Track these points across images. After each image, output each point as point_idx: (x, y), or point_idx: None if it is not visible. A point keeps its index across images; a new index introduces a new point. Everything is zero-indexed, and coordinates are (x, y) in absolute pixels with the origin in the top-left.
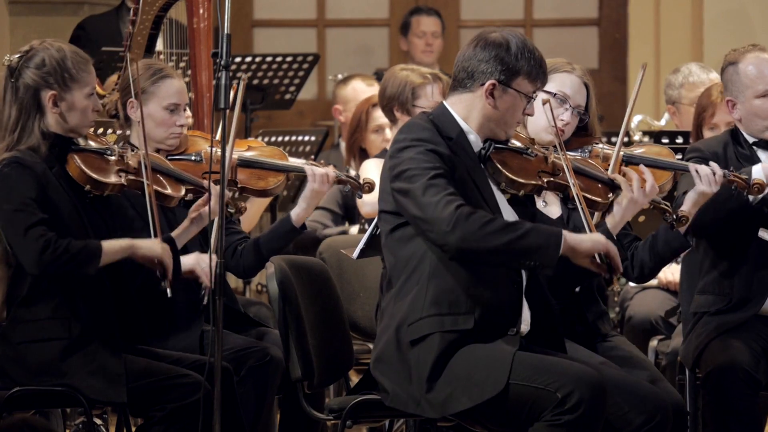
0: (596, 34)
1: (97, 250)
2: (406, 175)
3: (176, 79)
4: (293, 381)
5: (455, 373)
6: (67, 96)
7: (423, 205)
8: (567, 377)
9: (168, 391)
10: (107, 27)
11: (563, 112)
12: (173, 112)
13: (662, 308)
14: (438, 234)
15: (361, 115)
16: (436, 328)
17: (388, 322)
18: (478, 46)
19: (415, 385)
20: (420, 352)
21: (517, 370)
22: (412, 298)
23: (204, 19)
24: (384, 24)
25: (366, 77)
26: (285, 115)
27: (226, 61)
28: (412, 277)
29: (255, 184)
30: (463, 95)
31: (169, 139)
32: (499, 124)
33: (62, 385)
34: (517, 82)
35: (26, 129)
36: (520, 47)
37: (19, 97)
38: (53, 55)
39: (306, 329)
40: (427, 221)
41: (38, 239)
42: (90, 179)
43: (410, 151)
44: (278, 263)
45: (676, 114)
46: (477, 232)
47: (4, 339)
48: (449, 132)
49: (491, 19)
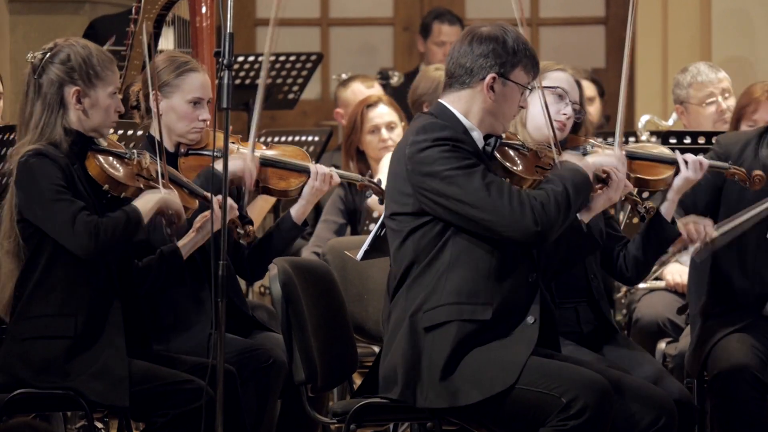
0: (603, 33)
1: (138, 215)
2: (445, 176)
3: (201, 73)
4: (296, 384)
5: (469, 368)
6: (90, 93)
7: (492, 207)
8: (572, 382)
9: (171, 396)
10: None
11: (564, 106)
12: (196, 105)
13: (670, 310)
14: (525, 234)
15: (356, 116)
16: (454, 317)
17: (400, 314)
18: (473, 42)
19: (427, 372)
20: (435, 338)
21: (525, 373)
22: (428, 287)
23: (207, 17)
24: (388, 23)
25: (366, 78)
26: (288, 115)
27: (229, 60)
28: (429, 268)
29: (276, 184)
30: (462, 92)
31: (191, 133)
32: (498, 118)
33: (64, 388)
34: (515, 73)
35: (49, 124)
36: (515, 40)
37: (42, 92)
38: (79, 51)
39: (309, 331)
40: (505, 223)
41: (88, 225)
42: (110, 179)
43: (434, 150)
44: (281, 265)
45: (684, 114)
46: (557, 219)
47: (10, 335)
48: (455, 130)
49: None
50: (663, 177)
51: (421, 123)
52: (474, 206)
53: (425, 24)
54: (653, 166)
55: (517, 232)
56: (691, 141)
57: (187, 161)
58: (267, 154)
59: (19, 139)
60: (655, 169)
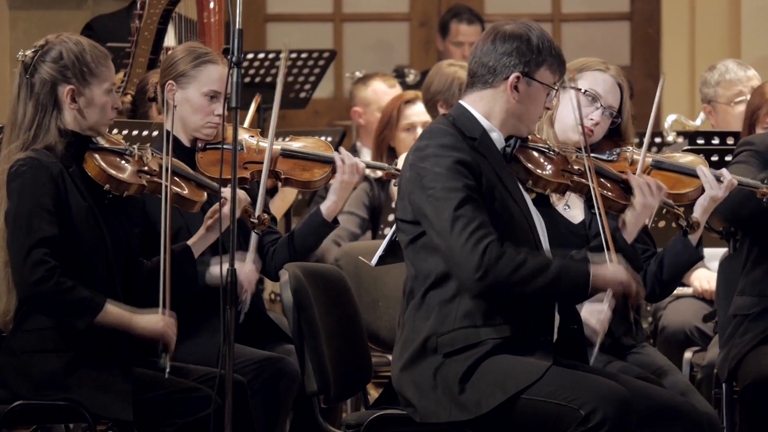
0: (628, 30)
1: (97, 309)
2: (430, 194)
3: (220, 66)
4: (308, 395)
5: (489, 375)
6: (85, 91)
7: (449, 242)
8: (591, 394)
9: (177, 405)
10: (117, 26)
11: (593, 111)
12: (213, 99)
13: (697, 318)
14: (464, 278)
15: (392, 112)
16: (473, 340)
17: (411, 335)
18: (497, 40)
19: (444, 391)
20: (452, 362)
21: (544, 383)
22: (439, 311)
23: (215, 13)
24: (404, 18)
25: (387, 77)
26: (300, 115)
27: (238, 57)
28: (435, 289)
29: (299, 176)
30: (484, 92)
31: (205, 128)
32: (522, 120)
33: (66, 400)
34: (540, 73)
35: (42, 126)
36: (540, 37)
37: (34, 93)
38: (71, 48)
39: (322, 340)
40: (453, 261)
41: (38, 266)
42: (110, 178)
43: (433, 161)
44: (293, 270)
45: (712, 113)
46: (507, 279)
47: (8, 348)
48: (472, 132)
49: (517, 13)
50: (687, 191)
51: (430, 126)
52: (437, 233)
53: (443, 22)
54: (678, 179)
55: (458, 273)
56: (720, 141)
57: (205, 156)
58: (288, 145)
59: (8, 142)
60: (679, 182)
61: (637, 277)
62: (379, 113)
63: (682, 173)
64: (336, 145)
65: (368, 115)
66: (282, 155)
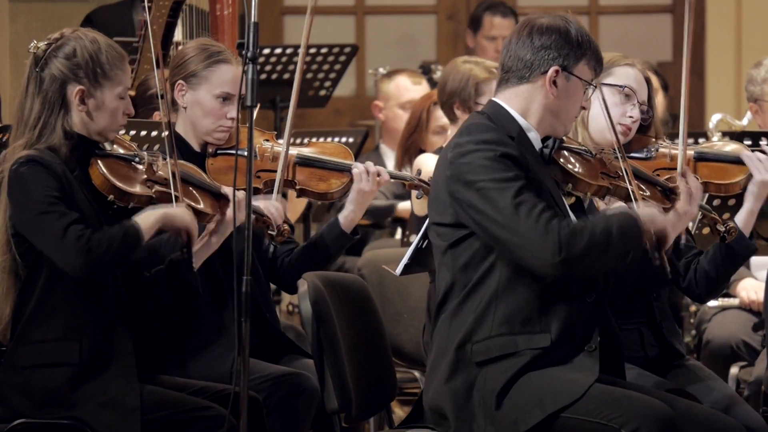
0: (670, 23)
1: (137, 232)
2: (480, 187)
3: (234, 66)
4: (329, 413)
5: (527, 391)
6: (96, 93)
7: (517, 229)
8: (633, 412)
9: (189, 425)
10: (119, 19)
11: (631, 108)
12: (225, 102)
13: (744, 331)
14: (543, 262)
15: (421, 113)
16: (509, 349)
17: (444, 343)
18: (533, 33)
19: (482, 405)
20: (488, 373)
21: (585, 401)
22: (475, 316)
23: (229, 5)
24: (431, 11)
25: (413, 73)
26: (320, 114)
27: (254, 52)
28: (473, 294)
29: (316, 186)
30: (520, 87)
31: (217, 132)
32: (560, 117)
33: (70, 418)
34: (579, 68)
35: (48, 125)
36: (579, 31)
37: (43, 89)
38: (86, 46)
39: (343, 355)
40: (526, 248)
41: (79, 239)
42: (114, 188)
43: (476, 155)
44: (312, 280)
45: (758, 112)
46: (586, 252)
47: (8, 362)
48: (510, 131)
49: (552, 6)
50: (736, 180)
51: (468, 123)
52: (499, 225)
53: (475, 16)
54: (724, 168)
55: (534, 260)
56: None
57: (216, 162)
58: (304, 152)
59: (14, 138)
60: (726, 172)
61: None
62: (398, 110)
63: (728, 162)
64: (358, 146)
65: (388, 111)
66: (297, 163)
